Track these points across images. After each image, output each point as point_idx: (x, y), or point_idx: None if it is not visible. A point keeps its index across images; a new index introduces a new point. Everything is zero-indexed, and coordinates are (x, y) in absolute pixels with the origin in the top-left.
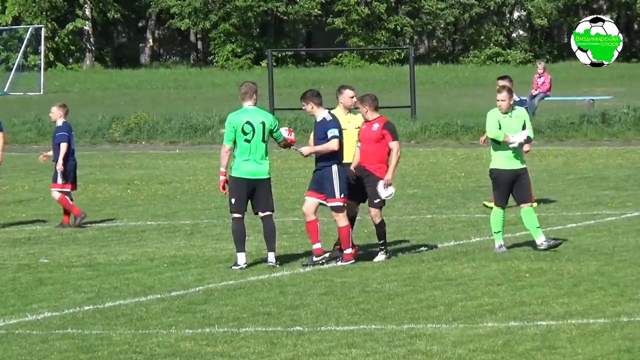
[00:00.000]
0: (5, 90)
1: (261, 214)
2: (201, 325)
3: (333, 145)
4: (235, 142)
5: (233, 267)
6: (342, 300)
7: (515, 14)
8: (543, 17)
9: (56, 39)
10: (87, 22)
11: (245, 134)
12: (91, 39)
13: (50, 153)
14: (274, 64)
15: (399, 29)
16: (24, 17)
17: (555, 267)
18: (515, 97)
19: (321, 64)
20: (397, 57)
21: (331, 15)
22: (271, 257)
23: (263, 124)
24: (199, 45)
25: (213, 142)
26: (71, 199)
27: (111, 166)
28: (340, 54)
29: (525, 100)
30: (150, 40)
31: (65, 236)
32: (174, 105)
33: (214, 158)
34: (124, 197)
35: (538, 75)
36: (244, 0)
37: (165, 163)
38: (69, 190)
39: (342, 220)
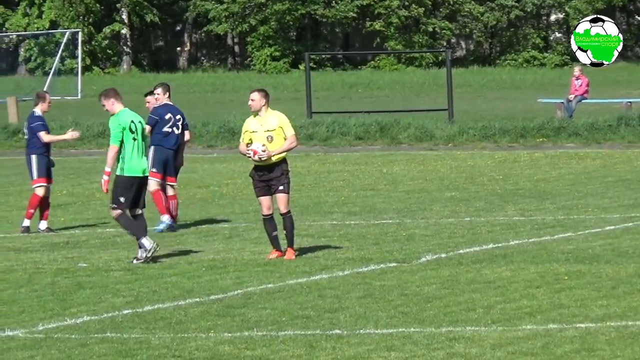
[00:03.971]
0: None
1: (140, 211)
2: (240, 328)
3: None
4: (122, 144)
5: (147, 255)
6: (381, 303)
7: (553, 17)
8: (580, 19)
9: (93, 43)
10: (124, 26)
11: (132, 132)
12: (128, 43)
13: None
14: (312, 67)
15: (437, 31)
16: (61, 21)
17: (593, 270)
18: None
19: (358, 67)
20: (435, 60)
21: (368, 18)
22: (147, 242)
23: (140, 122)
24: (237, 49)
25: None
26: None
27: None
28: (377, 57)
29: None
30: (188, 44)
31: (104, 240)
32: (212, 109)
33: (251, 162)
34: None
35: (575, 78)
36: (282, 4)
37: (203, 167)
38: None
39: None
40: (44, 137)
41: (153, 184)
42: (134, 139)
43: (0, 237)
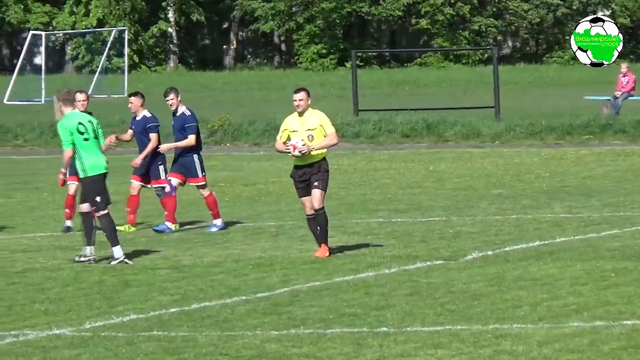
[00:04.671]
0: (89, 93)
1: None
2: (287, 326)
3: None
4: (75, 146)
5: (112, 263)
6: (428, 300)
7: (599, 14)
8: (627, 16)
9: (140, 41)
10: (170, 25)
11: (81, 133)
12: (174, 41)
13: None
14: (359, 64)
15: (483, 29)
16: (108, 19)
17: None
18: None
19: (405, 64)
20: (481, 57)
21: (414, 16)
22: (118, 251)
23: (91, 122)
24: (283, 47)
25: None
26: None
27: None
28: (424, 55)
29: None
30: (234, 42)
31: (150, 238)
32: (258, 107)
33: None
34: None
35: (622, 75)
36: (329, 2)
37: (249, 165)
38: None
39: None
40: None
41: (207, 189)
42: (86, 139)
43: (47, 236)
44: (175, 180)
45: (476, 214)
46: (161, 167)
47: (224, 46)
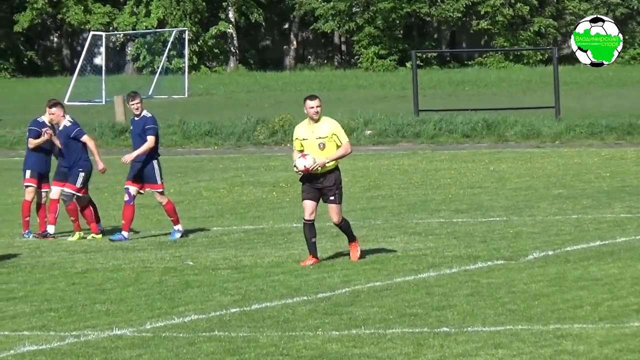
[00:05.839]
0: (150, 93)
1: None
2: (347, 326)
3: None
4: None
5: None
6: (489, 301)
7: None
8: None
9: (200, 42)
10: (230, 25)
11: None
12: (235, 42)
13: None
14: (419, 65)
15: (542, 29)
16: (168, 20)
17: None
18: None
19: (465, 64)
20: (541, 57)
21: (474, 17)
22: None
23: None
24: (343, 47)
25: (358, 143)
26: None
27: (256, 168)
28: (484, 55)
29: None
30: (295, 43)
31: (211, 239)
32: None
33: (359, 160)
34: (269, 200)
35: None
36: (387, 2)
37: None
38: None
39: None
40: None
41: (165, 197)
42: None
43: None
44: (133, 189)
45: (536, 214)
46: (81, 174)
47: (285, 46)
